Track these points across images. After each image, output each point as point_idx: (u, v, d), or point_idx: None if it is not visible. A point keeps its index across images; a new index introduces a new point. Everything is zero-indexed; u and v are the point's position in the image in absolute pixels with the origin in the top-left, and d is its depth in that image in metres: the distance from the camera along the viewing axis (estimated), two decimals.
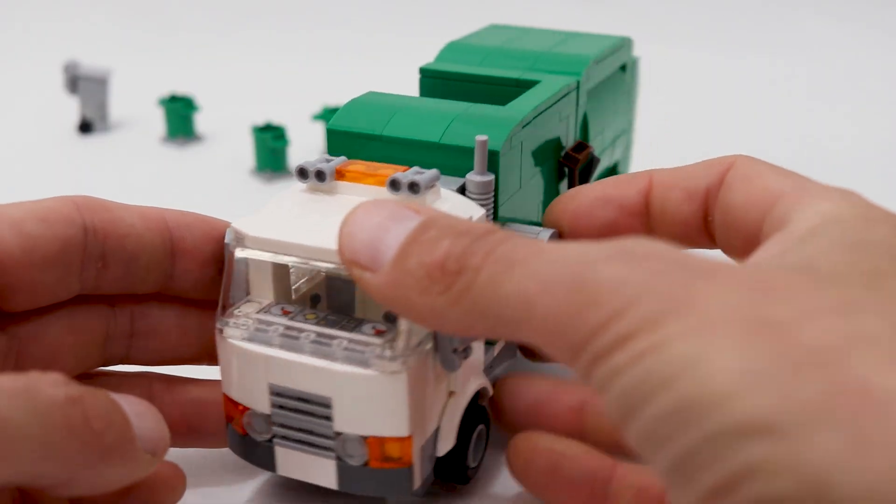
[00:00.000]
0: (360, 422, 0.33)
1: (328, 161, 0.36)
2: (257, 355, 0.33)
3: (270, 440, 0.34)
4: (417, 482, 0.34)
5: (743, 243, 0.33)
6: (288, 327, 0.34)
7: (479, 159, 0.36)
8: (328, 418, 0.33)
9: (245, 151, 0.76)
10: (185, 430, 0.38)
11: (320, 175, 0.35)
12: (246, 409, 0.34)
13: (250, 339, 0.33)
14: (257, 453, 0.35)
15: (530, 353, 0.41)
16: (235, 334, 0.34)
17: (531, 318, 0.25)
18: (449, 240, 0.28)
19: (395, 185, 0.34)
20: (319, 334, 0.33)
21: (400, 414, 0.32)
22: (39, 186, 0.73)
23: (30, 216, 0.33)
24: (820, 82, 0.99)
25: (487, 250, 0.27)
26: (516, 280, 0.26)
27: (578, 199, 0.38)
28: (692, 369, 0.22)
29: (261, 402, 0.34)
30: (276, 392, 0.33)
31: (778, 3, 1.31)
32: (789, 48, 1.11)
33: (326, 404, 0.33)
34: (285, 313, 0.34)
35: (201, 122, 0.84)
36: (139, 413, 0.31)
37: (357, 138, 0.39)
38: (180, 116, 0.82)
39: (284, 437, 0.34)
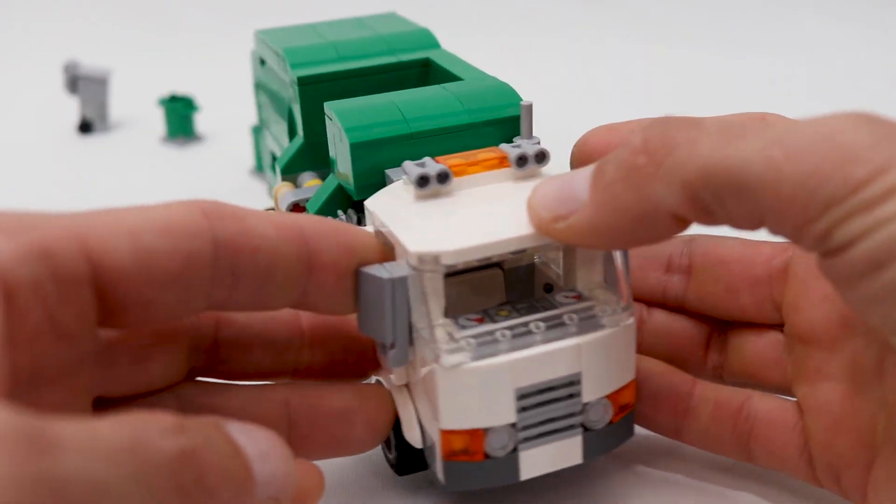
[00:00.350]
0: (603, 384, 0.33)
1: (424, 164, 0.35)
2: (501, 366, 0.32)
3: (514, 450, 0.33)
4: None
5: None
6: (510, 328, 0.32)
7: (525, 124, 0.38)
8: (575, 395, 0.33)
9: (245, 151, 0.76)
10: (330, 443, 0.35)
11: (443, 177, 0.34)
12: (484, 431, 0.32)
13: (484, 356, 0.32)
14: (496, 472, 0.33)
15: None
16: (462, 358, 0.31)
17: (779, 181, 0.26)
18: (639, 132, 0.29)
19: (522, 160, 0.34)
20: (540, 321, 0.33)
21: (631, 358, 0.34)
22: (39, 186, 0.73)
23: (150, 226, 0.28)
24: (820, 82, 0.98)
25: (692, 126, 0.29)
26: (754, 146, 0.27)
27: (615, 131, 0.38)
28: None
29: (506, 414, 0.32)
30: (522, 395, 0.32)
31: (778, 3, 1.31)
32: (789, 48, 1.11)
33: (575, 381, 0.33)
34: (479, 321, 0.33)
35: (201, 122, 0.84)
36: (263, 454, 0.27)
37: (386, 143, 0.38)
38: (180, 116, 0.82)
39: (528, 439, 0.33)
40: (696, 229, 0.31)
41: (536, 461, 0.34)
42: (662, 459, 0.40)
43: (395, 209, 0.34)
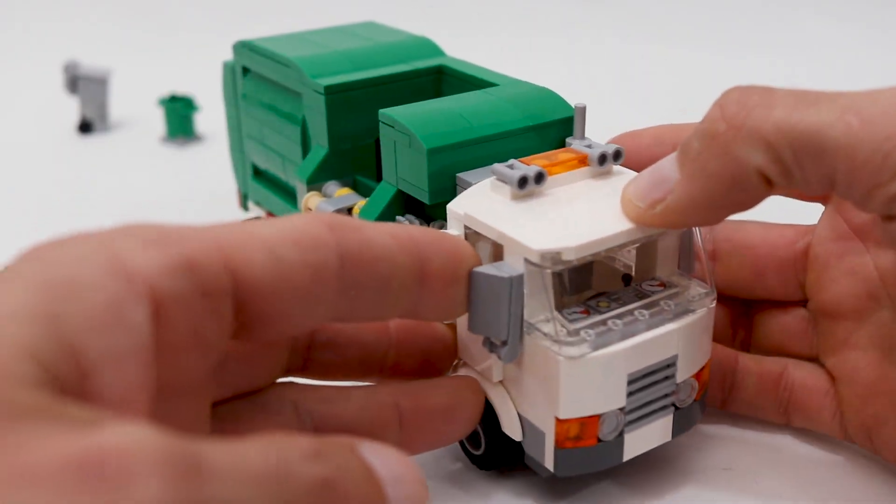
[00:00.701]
0: (691, 364, 0.36)
1: (514, 166, 0.36)
2: (616, 354, 0.34)
3: (620, 433, 0.35)
4: None
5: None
6: (619, 316, 0.34)
7: (579, 125, 0.40)
8: (670, 377, 0.35)
9: None
10: (434, 438, 0.36)
11: (539, 178, 0.35)
12: (598, 417, 0.34)
13: (601, 346, 0.33)
14: (605, 455, 0.35)
15: None
16: (581, 350, 0.33)
17: (855, 146, 0.28)
18: (716, 103, 0.32)
19: (603, 158, 0.36)
20: (643, 309, 0.35)
21: (710, 339, 0.37)
22: (39, 186, 0.73)
23: (284, 239, 0.28)
24: (820, 82, 0.99)
25: (766, 92, 0.30)
26: (831, 113, 0.29)
27: (638, 138, 0.41)
28: None
29: (618, 399, 0.34)
30: (632, 380, 0.34)
31: (778, 3, 1.31)
32: (789, 48, 1.11)
33: (672, 363, 0.35)
34: (585, 313, 0.35)
35: (201, 122, 0.84)
36: (397, 478, 0.26)
37: (457, 148, 0.39)
38: (180, 116, 0.82)
39: (632, 421, 0.35)
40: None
41: (637, 442, 0.36)
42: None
43: (495, 210, 0.35)
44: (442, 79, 0.49)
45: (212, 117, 0.85)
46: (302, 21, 0.62)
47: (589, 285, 0.38)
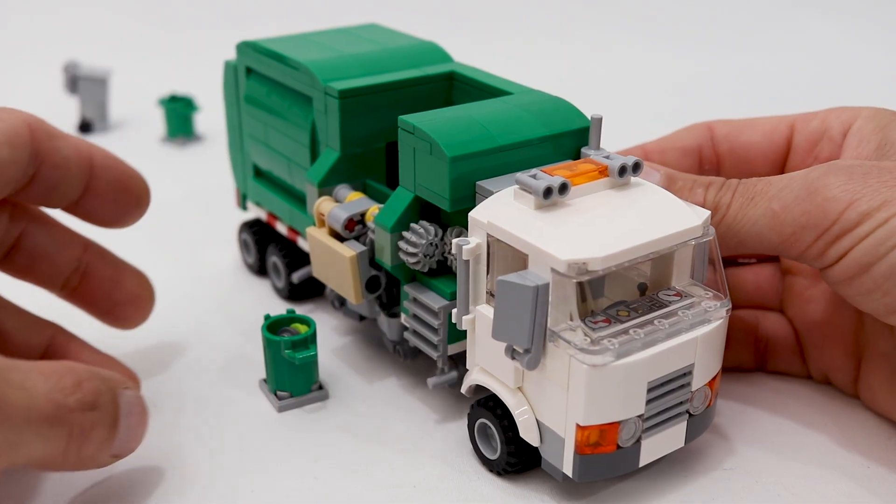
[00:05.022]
0: (706, 371, 0.37)
1: (537, 176, 0.36)
2: (640, 362, 0.34)
3: (638, 440, 0.36)
4: None
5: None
6: (640, 325, 0.35)
7: (595, 136, 0.41)
8: (686, 385, 0.36)
9: None
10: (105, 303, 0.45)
11: (563, 188, 0.36)
12: (618, 424, 0.35)
13: (624, 355, 0.34)
14: (622, 461, 0.36)
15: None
16: (605, 359, 0.33)
17: (780, 226, 0.37)
18: (702, 189, 0.40)
19: (623, 170, 0.37)
20: (662, 318, 0.35)
21: (723, 345, 0.38)
22: None
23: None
24: (820, 82, 0.98)
25: (732, 190, 0.39)
26: (762, 206, 0.38)
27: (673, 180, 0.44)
28: None
29: (637, 406, 0.35)
30: (651, 388, 0.35)
31: (778, 3, 1.31)
32: (789, 48, 1.11)
33: (689, 371, 0.36)
34: (607, 322, 0.35)
35: (201, 122, 0.84)
36: (131, 427, 0.36)
37: (479, 156, 0.39)
38: (180, 116, 0.82)
39: (649, 428, 0.36)
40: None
41: (652, 448, 0.36)
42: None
43: (519, 219, 0.35)
44: (453, 85, 0.49)
45: (212, 117, 0.85)
46: (301, 20, 0.62)
47: (602, 293, 0.38)
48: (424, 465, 0.40)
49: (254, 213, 0.57)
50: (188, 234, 0.64)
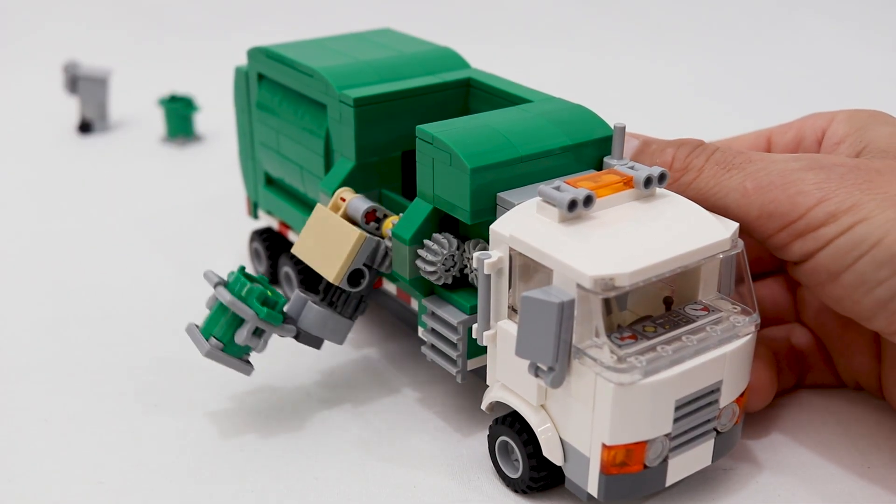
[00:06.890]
0: (734, 388, 0.36)
1: (561, 188, 0.35)
2: (668, 381, 0.33)
3: (665, 459, 0.35)
4: None
5: None
6: (667, 342, 0.34)
7: (618, 144, 0.39)
8: (713, 402, 0.35)
9: None
10: None
11: (589, 201, 0.34)
12: (645, 443, 0.34)
13: (651, 373, 0.33)
14: (649, 481, 0.35)
15: None
16: (633, 377, 0.33)
17: (748, 205, 0.36)
18: (672, 148, 0.39)
19: (649, 181, 0.36)
20: (689, 334, 0.34)
21: (751, 361, 0.37)
22: (39, 186, 0.73)
23: None
24: (820, 81, 0.99)
25: (707, 155, 0.38)
26: (736, 180, 0.37)
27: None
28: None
29: (665, 425, 0.34)
30: (679, 406, 0.34)
31: (778, 3, 1.31)
32: (789, 48, 1.11)
33: (717, 389, 0.35)
34: (633, 338, 0.34)
35: (201, 122, 0.84)
36: None
37: (499, 167, 0.38)
38: (180, 116, 0.82)
39: (676, 447, 0.35)
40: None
41: (679, 467, 0.36)
42: None
43: (542, 233, 0.34)
44: (470, 92, 0.48)
45: (212, 117, 0.85)
46: (302, 22, 0.62)
47: (625, 306, 0.37)
48: (425, 465, 0.40)
49: (265, 221, 0.56)
50: (188, 234, 0.64)
